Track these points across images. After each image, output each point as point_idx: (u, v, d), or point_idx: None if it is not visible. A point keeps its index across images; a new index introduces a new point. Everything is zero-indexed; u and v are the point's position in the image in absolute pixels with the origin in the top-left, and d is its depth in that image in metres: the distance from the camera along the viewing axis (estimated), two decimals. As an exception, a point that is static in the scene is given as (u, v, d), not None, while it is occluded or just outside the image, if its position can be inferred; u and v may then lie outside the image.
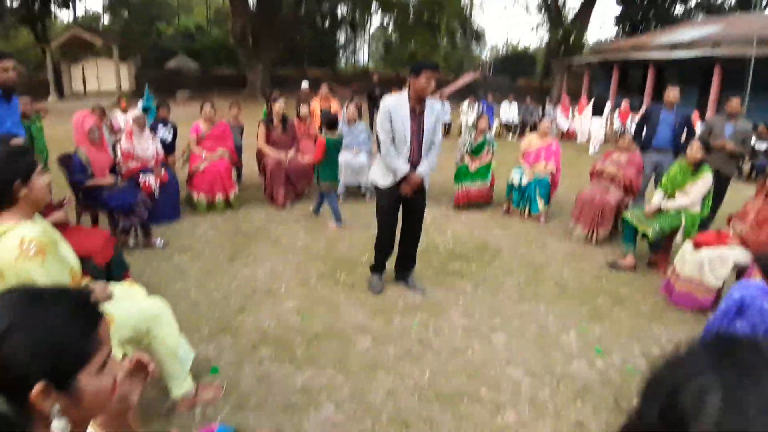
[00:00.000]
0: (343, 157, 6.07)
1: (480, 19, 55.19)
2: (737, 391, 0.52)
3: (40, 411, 0.82)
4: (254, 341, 3.06)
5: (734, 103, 5.58)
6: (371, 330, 3.25)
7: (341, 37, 36.18)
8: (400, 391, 2.67)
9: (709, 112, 13.22)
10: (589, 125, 12.90)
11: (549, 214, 5.96)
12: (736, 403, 0.51)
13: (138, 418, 2.15)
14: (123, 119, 6.43)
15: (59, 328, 0.83)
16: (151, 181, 4.81)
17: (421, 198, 3.75)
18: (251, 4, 24.15)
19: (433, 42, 26.45)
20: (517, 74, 31.77)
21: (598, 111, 13.06)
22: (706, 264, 3.78)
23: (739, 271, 3.82)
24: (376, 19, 33.45)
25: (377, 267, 3.89)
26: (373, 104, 12.45)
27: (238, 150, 6.28)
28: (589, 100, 15.01)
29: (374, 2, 27.15)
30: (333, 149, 5.23)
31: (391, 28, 30.71)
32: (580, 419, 2.54)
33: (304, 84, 11.32)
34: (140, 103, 7.72)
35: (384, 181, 3.59)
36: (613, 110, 14.20)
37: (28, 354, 0.80)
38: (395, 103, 3.48)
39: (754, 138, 10.18)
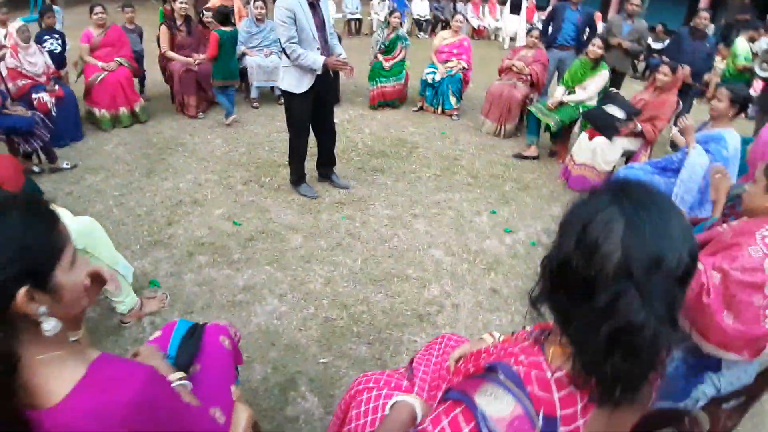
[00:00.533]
0: (254, 59, 5.85)
1: None
2: (635, 218, 0.70)
3: (26, 316, 0.81)
4: (189, 250, 3.13)
5: (634, 3, 5.90)
6: (302, 228, 3.43)
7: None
8: (336, 279, 2.92)
9: (612, 12, 13.75)
10: (508, 23, 13.01)
11: (461, 109, 6.22)
12: (634, 227, 0.70)
13: (87, 338, 2.24)
14: (2, 33, 5.62)
15: (25, 230, 0.83)
16: (45, 98, 4.37)
17: (333, 93, 3.76)
18: None
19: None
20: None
21: (515, 9, 13.14)
22: (598, 151, 4.25)
23: (627, 157, 4.34)
24: None
25: (300, 178, 3.91)
26: None
27: (138, 57, 5.80)
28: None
29: None
30: (228, 44, 5.03)
31: None
32: (494, 287, 2.96)
33: None
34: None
35: (300, 86, 3.45)
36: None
37: (3, 261, 0.79)
38: (294, 1, 3.27)
39: (650, 38, 10.87)
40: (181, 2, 5.47)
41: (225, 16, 5.08)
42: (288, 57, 3.40)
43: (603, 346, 0.69)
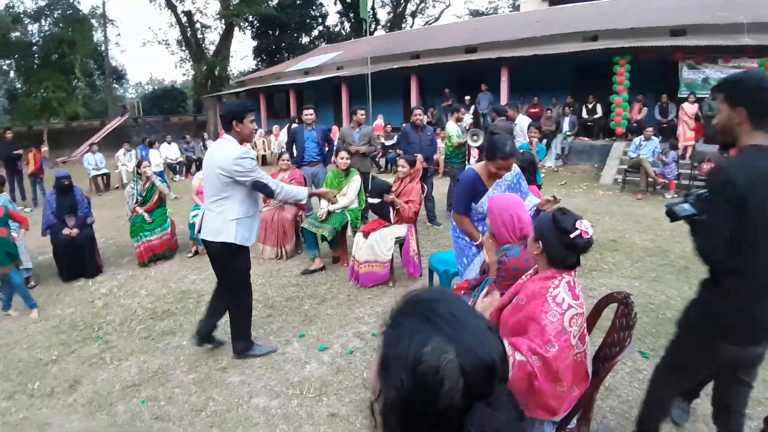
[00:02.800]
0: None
1: (119, 57, 51.44)
2: (460, 340, 0.73)
3: None
4: None
5: (360, 114, 6.93)
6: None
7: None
8: (151, 477, 2.49)
9: (344, 123, 15.80)
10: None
11: (237, 242, 6.19)
12: (464, 349, 0.72)
13: None
14: None
15: None
16: None
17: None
18: None
19: (69, 86, 23.25)
20: (169, 111, 30.95)
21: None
22: (375, 245, 4.67)
23: (399, 243, 4.84)
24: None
25: (250, 338, 3.55)
26: (11, 168, 10.19)
27: None
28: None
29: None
30: None
31: (12, 74, 25.40)
32: (331, 411, 2.89)
33: None
34: None
35: (251, 237, 3.35)
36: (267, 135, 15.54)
37: None
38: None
39: (382, 137, 12.78)
40: None
41: None
42: (272, 196, 3.33)
43: None
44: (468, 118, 11.90)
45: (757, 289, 1.83)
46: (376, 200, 4.86)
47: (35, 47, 22.70)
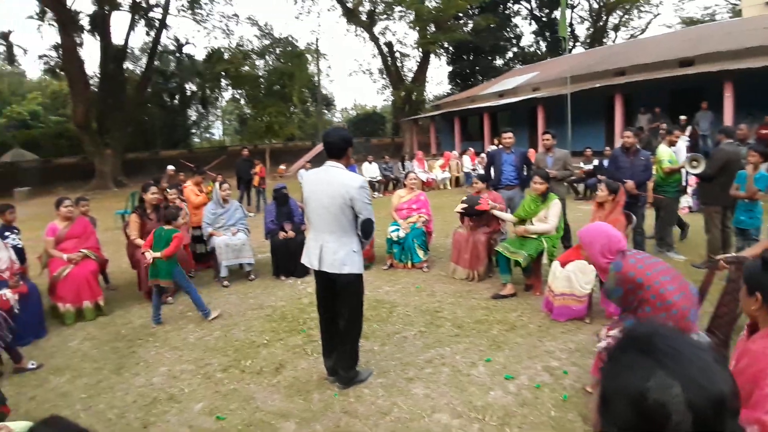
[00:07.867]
0: (221, 238, 5.94)
1: (329, 85, 58.86)
2: (685, 374, 0.72)
3: None
4: (168, 457, 2.79)
5: (546, 139, 6.60)
6: (293, 413, 3.14)
7: (192, 114, 35.68)
8: (339, 468, 2.61)
9: (540, 147, 15.36)
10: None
11: (430, 260, 6.32)
12: (690, 383, 0.71)
13: None
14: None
15: None
16: (8, 295, 4.12)
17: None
18: (92, 85, 22.92)
19: (288, 111, 27.16)
20: (369, 134, 33.72)
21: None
22: (572, 277, 4.32)
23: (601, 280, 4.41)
24: (226, 94, 33.66)
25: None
26: (243, 181, 12.40)
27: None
28: (438, 150, 16.53)
29: (223, 79, 26.99)
30: (164, 242, 4.85)
31: (243, 101, 30.90)
32: (512, 443, 2.70)
33: (170, 167, 11.28)
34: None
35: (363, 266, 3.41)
36: (461, 156, 15.83)
37: None
38: None
39: (582, 161, 11.95)
40: (153, 192, 5.63)
41: (170, 216, 5.07)
42: (367, 237, 3.32)
43: None
44: (683, 141, 10.40)
45: None
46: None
47: (261, 79, 27.15)
